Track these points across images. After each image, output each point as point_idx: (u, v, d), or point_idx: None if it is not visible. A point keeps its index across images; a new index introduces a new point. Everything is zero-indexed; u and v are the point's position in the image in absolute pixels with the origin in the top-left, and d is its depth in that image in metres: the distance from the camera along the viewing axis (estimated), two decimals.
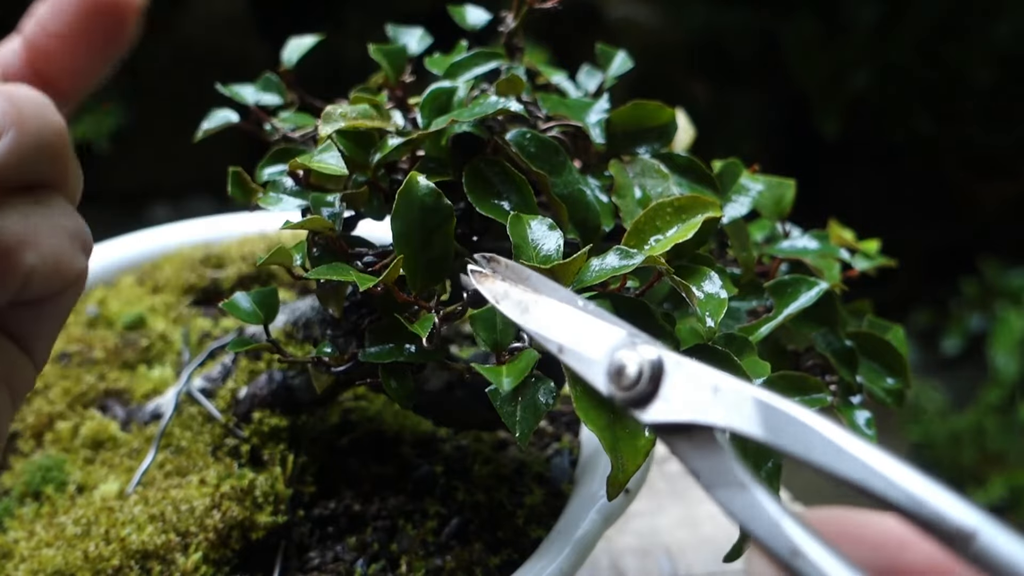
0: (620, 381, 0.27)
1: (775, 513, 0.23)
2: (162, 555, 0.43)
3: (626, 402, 0.27)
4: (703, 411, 0.26)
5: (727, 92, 1.91)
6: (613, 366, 0.28)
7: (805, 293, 0.41)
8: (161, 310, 0.61)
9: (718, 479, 0.25)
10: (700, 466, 0.25)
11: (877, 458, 0.23)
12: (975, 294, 1.78)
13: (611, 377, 0.28)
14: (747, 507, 0.24)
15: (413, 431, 0.52)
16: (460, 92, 0.43)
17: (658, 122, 0.44)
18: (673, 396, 0.26)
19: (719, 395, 0.26)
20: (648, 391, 0.27)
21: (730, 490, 0.24)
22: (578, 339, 0.30)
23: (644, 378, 0.27)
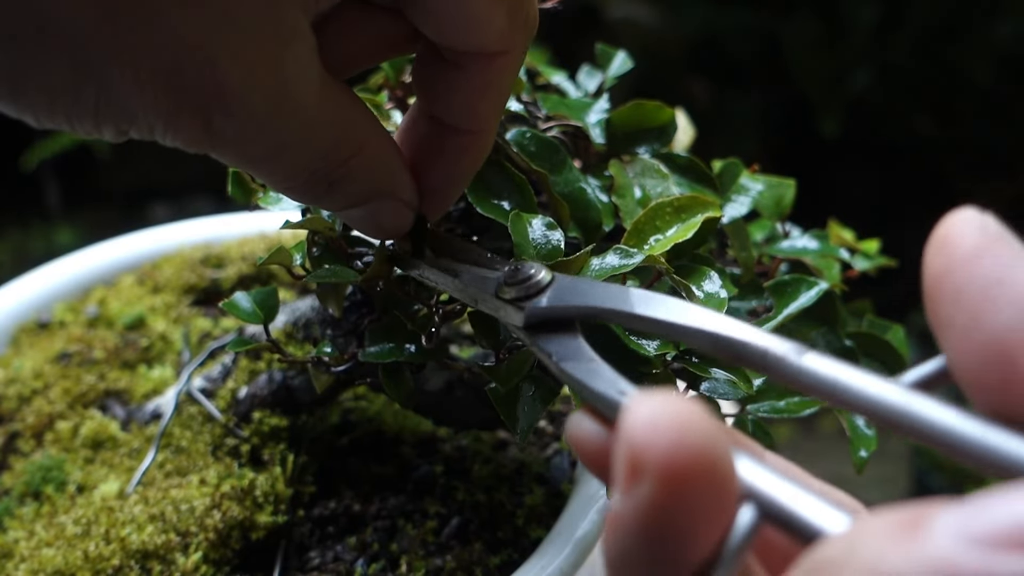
0: (512, 279, 0.31)
1: (613, 374, 0.27)
2: (162, 555, 0.43)
3: (512, 299, 0.31)
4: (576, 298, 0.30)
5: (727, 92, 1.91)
6: (512, 268, 0.32)
7: (805, 293, 0.41)
8: (161, 310, 0.61)
9: (569, 356, 0.28)
10: (557, 350, 0.29)
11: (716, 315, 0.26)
12: None
13: (507, 275, 0.32)
14: (589, 371, 0.27)
15: (413, 431, 0.52)
16: None
17: (658, 122, 0.44)
18: (556, 291, 0.31)
19: (596, 288, 0.30)
20: (535, 290, 0.31)
21: (578, 362, 0.28)
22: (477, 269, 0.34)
23: (535, 279, 0.31)
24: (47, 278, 0.63)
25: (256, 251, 0.65)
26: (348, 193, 0.32)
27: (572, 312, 0.30)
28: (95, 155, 1.76)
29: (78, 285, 0.63)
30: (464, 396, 0.46)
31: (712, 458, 0.20)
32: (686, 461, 0.20)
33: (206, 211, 0.72)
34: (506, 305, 0.31)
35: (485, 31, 0.30)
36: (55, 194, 1.98)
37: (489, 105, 0.33)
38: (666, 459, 0.20)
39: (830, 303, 0.43)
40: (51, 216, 1.96)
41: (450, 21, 0.30)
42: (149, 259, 0.66)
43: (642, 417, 0.20)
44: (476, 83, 0.32)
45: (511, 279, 0.31)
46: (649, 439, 0.20)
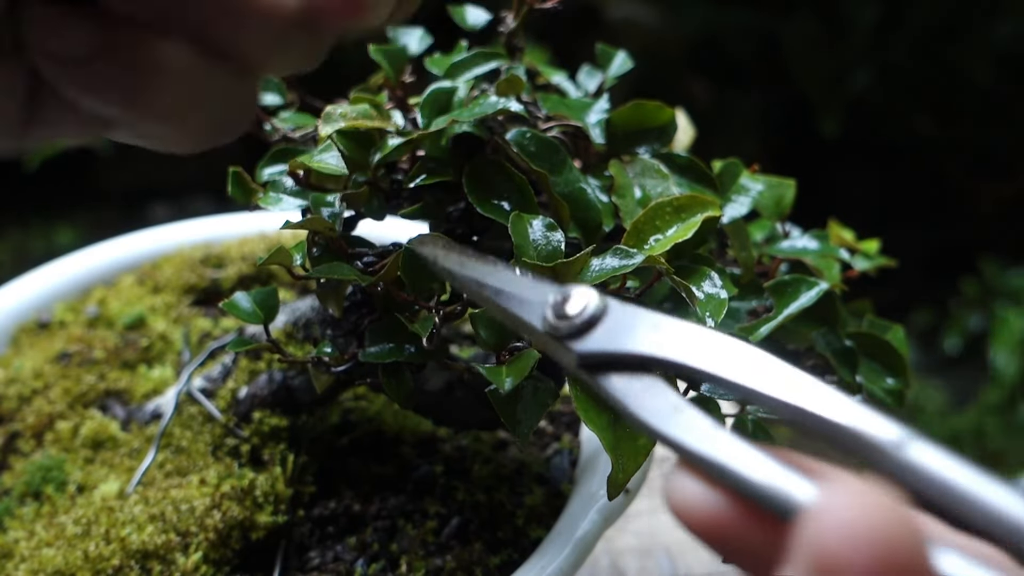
0: (560, 311, 0.27)
1: (711, 425, 0.23)
2: (162, 555, 0.43)
3: (562, 333, 0.27)
4: (640, 343, 0.25)
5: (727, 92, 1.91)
6: (556, 299, 0.28)
7: (805, 293, 0.41)
8: (161, 310, 0.61)
9: (647, 406, 0.24)
10: (628, 395, 0.25)
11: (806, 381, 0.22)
12: (975, 294, 1.78)
13: (552, 308, 0.28)
14: (682, 424, 0.23)
15: (413, 431, 0.52)
16: (460, 92, 0.43)
17: (658, 122, 0.44)
18: (612, 329, 0.26)
19: (659, 330, 0.25)
20: (587, 323, 0.27)
21: (662, 413, 0.24)
22: (518, 286, 0.30)
23: (586, 312, 0.27)
24: (47, 278, 0.63)
25: (256, 251, 0.65)
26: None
27: (628, 359, 0.26)
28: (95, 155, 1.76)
29: (78, 285, 0.63)
30: (464, 396, 0.46)
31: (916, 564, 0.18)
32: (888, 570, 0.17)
33: (206, 211, 0.72)
34: (553, 342, 0.27)
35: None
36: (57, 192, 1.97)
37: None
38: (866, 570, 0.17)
39: (830, 303, 0.43)
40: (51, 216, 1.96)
41: None
42: (149, 259, 0.66)
43: (836, 523, 0.18)
44: None
45: (560, 310, 0.27)
46: (848, 553, 0.17)
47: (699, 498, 0.21)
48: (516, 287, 0.30)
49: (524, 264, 0.36)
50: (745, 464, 0.21)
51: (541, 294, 0.29)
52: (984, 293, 1.77)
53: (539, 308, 0.28)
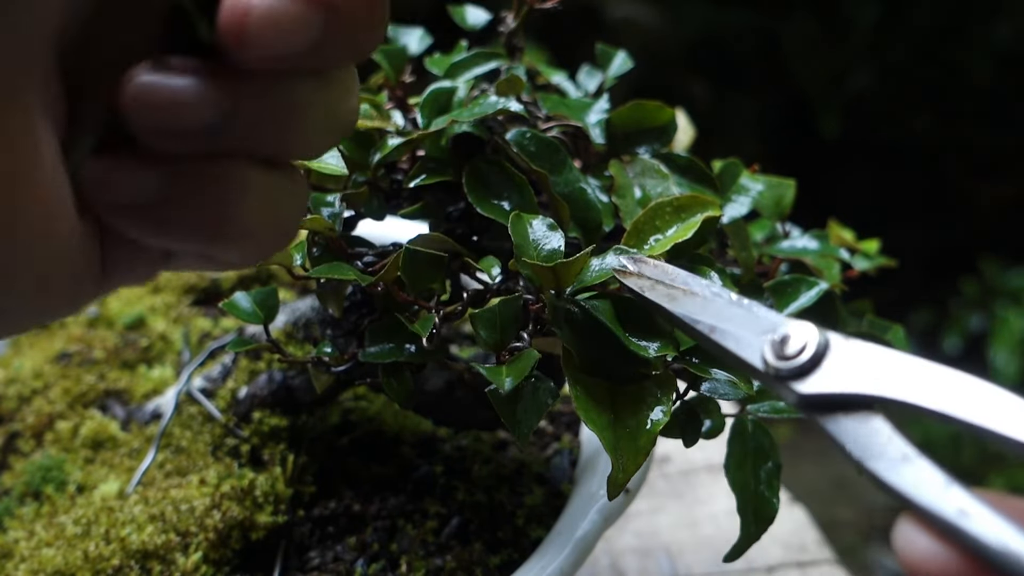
0: (782, 350, 0.27)
1: (943, 480, 0.22)
2: (162, 555, 0.43)
3: (784, 373, 0.26)
4: (866, 383, 0.25)
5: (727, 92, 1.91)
6: (777, 336, 0.27)
7: (805, 293, 0.41)
8: (161, 310, 0.61)
9: (874, 452, 0.24)
10: (853, 441, 0.24)
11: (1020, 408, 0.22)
12: (975, 294, 1.78)
13: (773, 346, 0.27)
14: (911, 476, 0.23)
15: (413, 431, 0.52)
16: (460, 92, 0.43)
17: (658, 122, 0.44)
18: (835, 369, 0.26)
19: (886, 368, 0.25)
20: (810, 363, 0.26)
21: (890, 462, 0.23)
22: (732, 322, 0.29)
23: (808, 350, 0.26)
24: None
25: None
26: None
27: (857, 400, 0.25)
28: None
29: None
30: (464, 396, 0.46)
31: None
32: None
33: None
34: (775, 382, 0.27)
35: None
36: None
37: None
38: None
39: (830, 303, 0.43)
40: None
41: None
42: None
43: None
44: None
45: (780, 350, 0.27)
46: None
47: (931, 554, 0.21)
48: (730, 323, 0.29)
49: (524, 264, 0.36)
50: (979, 523, 0.21)
51: (758, 330, 0.28)
52: (984, 293, 1.77)
53: (758, 345, 0.28)
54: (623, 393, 0.36)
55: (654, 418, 0.35)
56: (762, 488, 0.39)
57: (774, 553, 0.66)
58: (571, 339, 0.36)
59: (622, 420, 0.35)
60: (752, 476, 0.39)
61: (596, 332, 0.36)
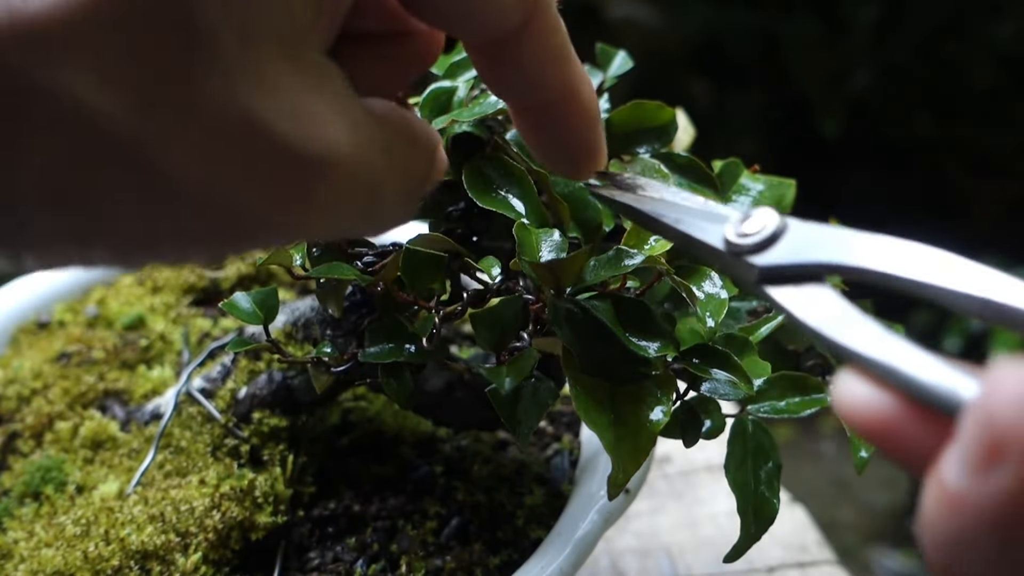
0: (742, 229, 0.28)
1: (884, 333, 0.23)
2: (162, 555, 0.43)
3: (743, 249, 0.27)
4: (822, 253, 0.26)
5: (727, 92, 1.91)
6: (737, 217, 0.28)
7: None
8: (161, 310, 0.61)
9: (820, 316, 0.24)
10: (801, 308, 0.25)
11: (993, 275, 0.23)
12: None
13: (734, 226, 0.28)
14: (852, 332, 0.23)
15: (413, 431, 0.52)
16: (460, 92, 0.43)
17: (658, 122, 0.44)
18: (792, 244, 0.27)
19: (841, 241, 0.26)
20: (768, 239, 0.27)
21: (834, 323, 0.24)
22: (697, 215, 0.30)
23: (766, 229, 0.27)
24: (47, 278, 0.63)
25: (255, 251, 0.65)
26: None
27: (811, 269, 0.26)
28: None
29: (77, 285, 0.63)
30: (464, 397, 0.46)
31: None
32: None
33: None
34: (734, 259, 0.28)
35: (499, 10, 0.28)
36: None
37: (554, 68, 0.31)
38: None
39: None
40: None
41: (464, 19, 0.28)
42: None
43: (1010, 392, 0.18)
44: (527, 58, 0.30)
45: (739, 230, 0.28)
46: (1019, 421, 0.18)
47: (867, 398, 0.22)
48: (695, 216, 0.30)
49: (524, 263, 0.36)
50: (914, 365, 0.22)
51: (721, 220, 0.29)
52: None
53: (719, 230, 0.29)
54: (623, 393, 0.36)
55: (654, 418, 0.35)
56: (762, 488, 0.39)
57: (774, 554, 0.66)
58: (571, 339, 0.36)
59: (622, 420, 0.35)
60: (752, 476, 0.39)
61: (596, 332, 0.36)
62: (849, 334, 0.23)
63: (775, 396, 0.40)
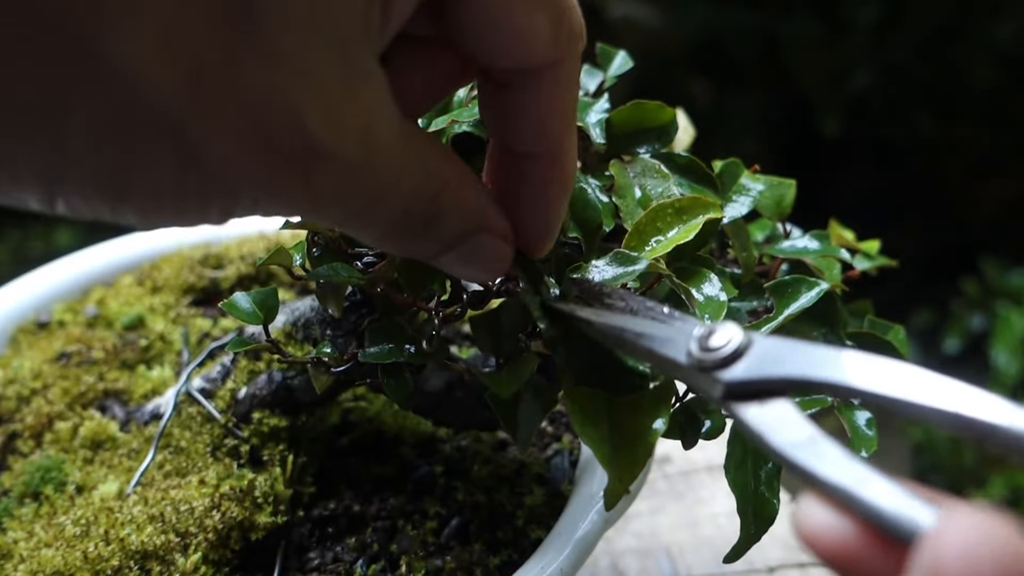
0: (706, 343, 0.28)
1: (845, 455, 0.23)
2: (162, 555, 0.43)
3: (708, 365, 0.28)
4: (787, 368, 0.26)
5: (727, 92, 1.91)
6: (701, 332, 0.29)
7: (806, 293, 0.41)
8: (160, 310, 0.61)
9: (783, 435, 0.25)
10: (766, 424, 0.25)
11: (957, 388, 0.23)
12: (976, 294, 1.78)
13: (697, 341, 0.28)
14: (813, 454, 0.24)
15: (413, 431, 0.52)
16: (460, 92, 0.43)
17: (658, 122, 0.44)
18: (758, 359, 0.27)
19: (803, 353, 0.26)
20: (733, 355, 0.27)
21: (795, 444, 0.24)
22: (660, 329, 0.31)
23: (731, 344, 0.27)
24: (46, 278, 0.63)
25: (255, 251, 0.65)
26: (443, 233, 0.30)
27: (774, 384, 0.27)
28: None
29: (77, 285, 0.63)
30: (464, 397, 0.46)
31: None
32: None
33: None
34: (700, 374, 0.28)
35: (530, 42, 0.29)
36: None
37: (556, 122, 0.31)
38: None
39: (831, 303, 0.43)
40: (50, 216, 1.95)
41: (493, 38, 0.29)
42: (148, 259, 0.66)
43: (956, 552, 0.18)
44: (537, 101, 0.31)
45: (704, 344, 0.28)
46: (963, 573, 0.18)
47: (828, 525, 0.22)
48: (658, 330, 0.31)
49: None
50: (875, 493, 0.22)
51: (685, 332, 0.30)
52: (985, 293, 1.77)
53: (683, 344, 0.29)
54: (621, 403, 0.35)
55: (654, 427, 0.35)
56: (762, 489, 0.39)
57: (774, 554, 0.66)
58: (566, 354, 0.35)
59: (619, 430, 0.35)
60: (752, 477, 0.39)
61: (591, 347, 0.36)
62: (813, 458, 0.24)
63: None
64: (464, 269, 0.33)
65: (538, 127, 0.31)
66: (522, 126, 0.31)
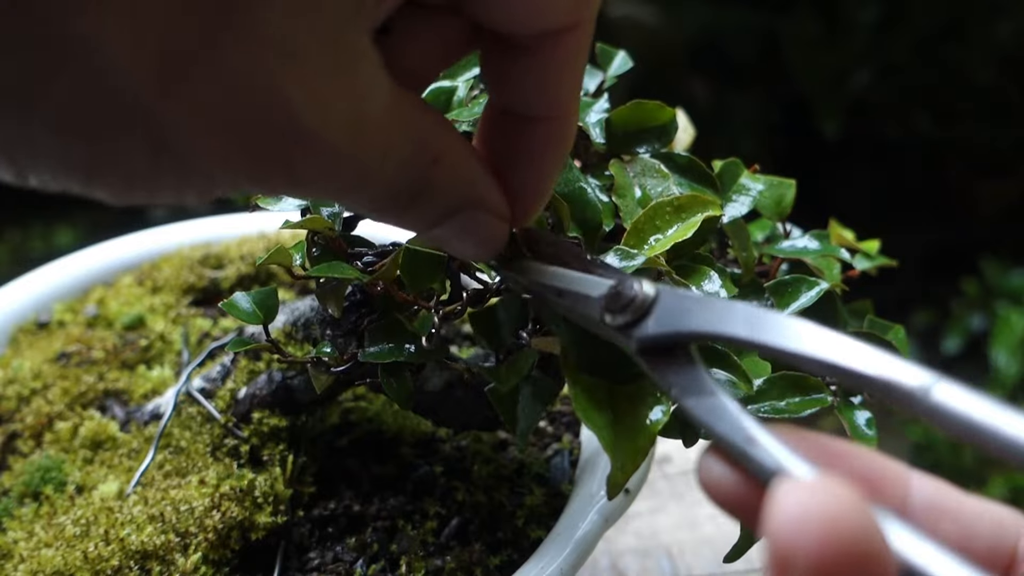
0: (615, 304, 0.29)
1: (736, 411, 0.26)
2: (162, 555, 0.43)
3: (620, 326, 0.29)
4: (687, 321, 0.28)
5: (727, 92, 1.90)
6: (610, 294, 0.30)
7: (805, 293, 0.41)
8: (160, 310, 0.61)
9: (690, 390, 0.27)
10: (676, 380, 0.28)
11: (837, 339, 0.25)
12: (976, 294, 1.78)
13: (608, 301, 0.30)
14: (711, 409, 0.26)
15: (413, 431, 0.52)
16: (460, 92, 0.43)
17: (658, 122, 0.44)
18: (663, 315, 0.29)
19: (703, 305, 0.28)
20: (641, 313, 0.29)
21: (699, 397, 0.27)
22: (579, 284, 0.32)
23: (638, 301, 0.29)
24: (46, 278, 0.63)
25: (255, 251, 0.65)
26: (433, 207, 0.29)
27: (682, 338, 0.28)
28: None
29: (77, 285, 0.63)
30: (464, 396, 0.46)
31: (865, 553, 0.19)
32: (836, 559, 0.19)
33: (205, 211, 0.71)
34: (615, 332, 0.29)
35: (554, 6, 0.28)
36: None
37: (567, 86, 0.31)
38: (816, 558, 0.19)
39: (830, 303, 0.43)
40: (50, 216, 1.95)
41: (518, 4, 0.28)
42: (148, 259, 0.66)
43: (790, 511, 0.20)
44: (550, 65, 0.30)
45: (613, 304, 0.29)
46: (798, 536, 0.19)
47: (724, 479, 0.25)
48: (577, 285, 0.32)
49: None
50: (761, 448, 0.24)
51: (599, 288, 0.31)
52: (985, 293, 1.77)
53: (598, 304, 0.30)
54: (622, 393, 0.35)
55: (653, 417, 0.35)
56: None
57: None
58: (569, 339, 0.35)
59: (621, 420, 0.35)
60: None
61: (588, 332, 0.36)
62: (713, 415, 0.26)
63: (775, 396, 0.40)
64: (458, 245, 0.32)
65: (548, 91, 0.31)
66: (533, 90, 0.30)
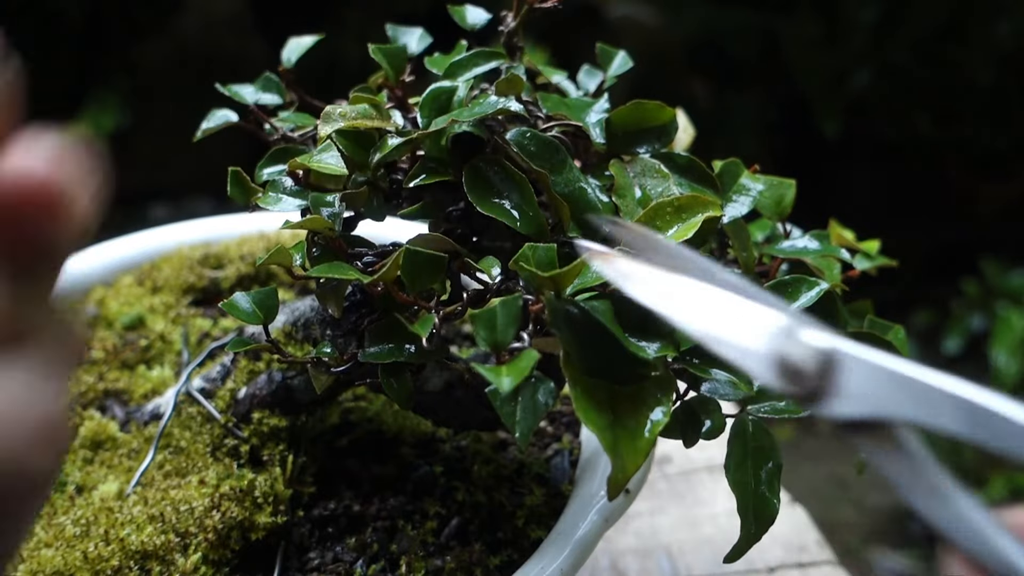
0: (787, 374, 0.25)
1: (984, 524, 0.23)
2: (161, 555, 0.43)
3: (797, 398, 0.25)
4: (885, 404, 0.24)
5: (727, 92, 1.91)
6: (779, 358, 0.25)
7: (805, 293, 0.41)
8: (160, 310, 0.61)
9: (916, 485, 0.24)
10: (892, 469, 0.24)
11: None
12: (976, 294, 1.78)
13: (778, 370, 0.25)
14: (952, 519, 0.23)
15: (413, 431, 0.52)
16: (460, 92, 0.43)
17: (658, 122, 0.44)
18: (851, 388, 0.24)
19: (903, 386, 0.24)
20: (821, 385, 0.25)
21: (931, 499, 0.23)
22: (731, 326, 0.27)
23: (814, 371, 0.25)
24: None
25: (255, 251, 0.65)
26: None
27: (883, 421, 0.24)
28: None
29: (77, 285, 0.63)
30: (464, 397, 0.46)
31: None
32: None
33: (205, 211, 0.71)
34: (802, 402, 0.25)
35: None
36: None
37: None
38: None
39: (830, 303, 0.42)
40: None
41: None
42: (148, 259, 0.66)
43: None
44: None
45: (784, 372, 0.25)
46: None
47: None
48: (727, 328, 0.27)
49: (523, 269, 0.36)
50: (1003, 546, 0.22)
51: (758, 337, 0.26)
52: (985, 293, 1.77)
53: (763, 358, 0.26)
54: (623, 394, 0.35)
55: (654, 419, 0.35)
56: (762, 488, 0.39)
57: (774, 554, 0.66)
58: (570, 340, 0.35)
59: (622, 421, 0.35)
60: (752, 476, 0.39)
61: (595, 333, 0.36)
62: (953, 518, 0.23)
63: (775, 396, 0.40)
64: None
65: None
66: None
